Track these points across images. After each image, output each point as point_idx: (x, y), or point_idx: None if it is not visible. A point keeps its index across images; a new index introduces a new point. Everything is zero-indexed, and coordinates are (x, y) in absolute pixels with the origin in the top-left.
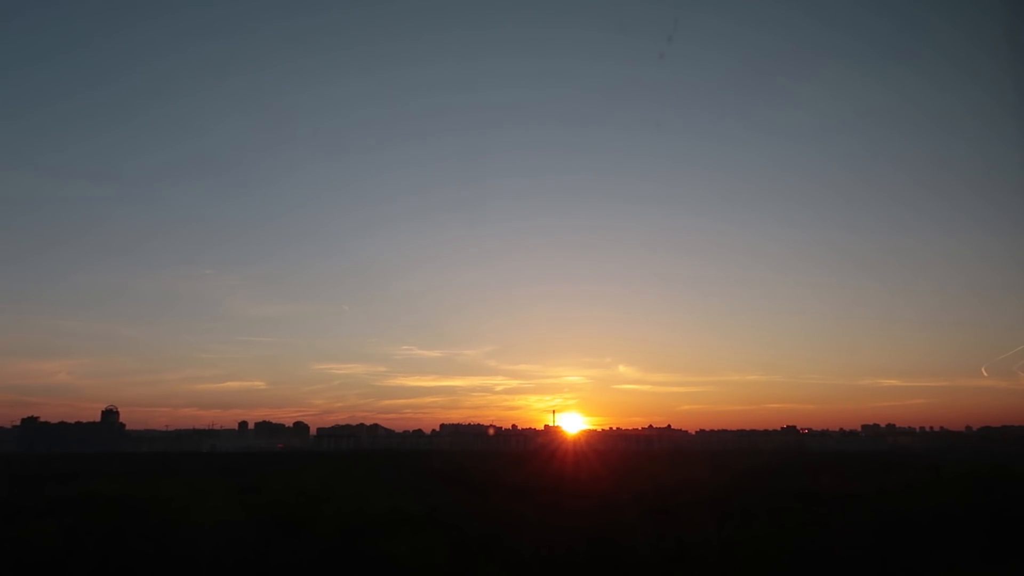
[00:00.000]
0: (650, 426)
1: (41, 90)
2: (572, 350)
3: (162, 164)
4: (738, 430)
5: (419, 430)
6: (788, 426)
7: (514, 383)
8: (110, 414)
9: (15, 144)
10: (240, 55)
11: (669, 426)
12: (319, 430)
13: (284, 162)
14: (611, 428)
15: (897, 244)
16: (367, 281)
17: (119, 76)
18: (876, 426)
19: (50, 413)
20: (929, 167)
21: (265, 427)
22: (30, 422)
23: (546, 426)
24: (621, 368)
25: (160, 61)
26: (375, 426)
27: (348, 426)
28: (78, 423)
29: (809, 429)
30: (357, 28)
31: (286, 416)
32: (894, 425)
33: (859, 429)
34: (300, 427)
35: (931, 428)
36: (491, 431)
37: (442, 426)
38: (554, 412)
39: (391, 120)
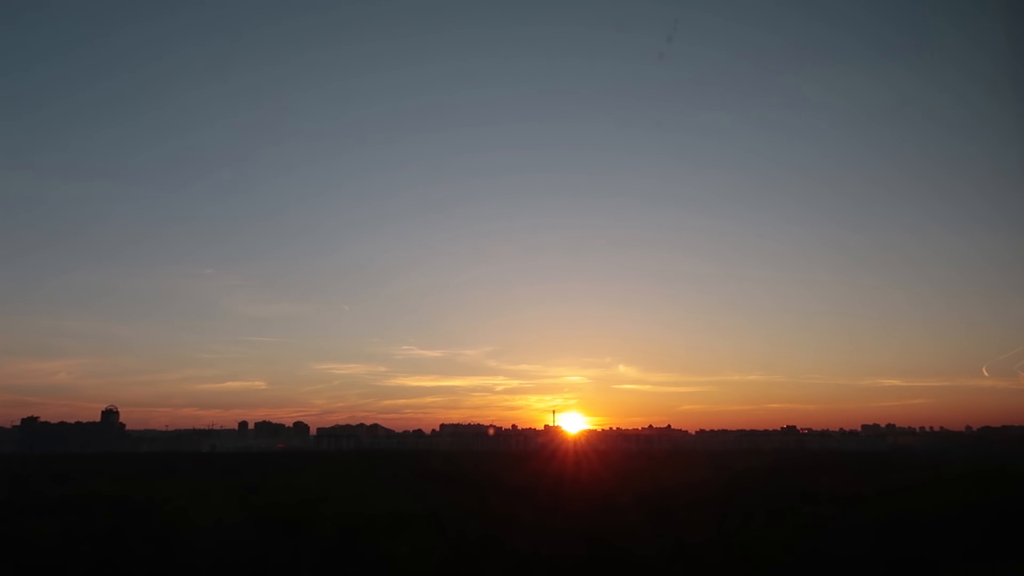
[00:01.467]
0: (650, 426)
1: (39, 89)
2: (572, 350)
3: (161, 163)
4: (738, 430)
5: (419, 430)
6: (788, 426)
7: (514, 383)
8: (110, 414)
9: (13, 143)
10: (240, 52)
11: (669, 426)
12: (319, 430)
13: (284, 161)
14: (611, 428)
15: (898, 244)
16: (367, 281)
17: (118, 74)
18: (876, 426)
19: (50, 413)
20: (929, 166)
21: (265, 427)
22: (30, 422)
23: (546, 426)
24: (621, 368)
25: (160, 58)
26: (375, 426)
27: (348, 426)
28: (78, 423)
29: (809, 429)
30: (355, 26)
31: (286, 416)
32: (894, 425)
33: (859, 429)
34: (300, 427)
35: (931, 428)
36: (491, 431)
37: (442, 426)
38: (554, 412)
39: (391, 118)
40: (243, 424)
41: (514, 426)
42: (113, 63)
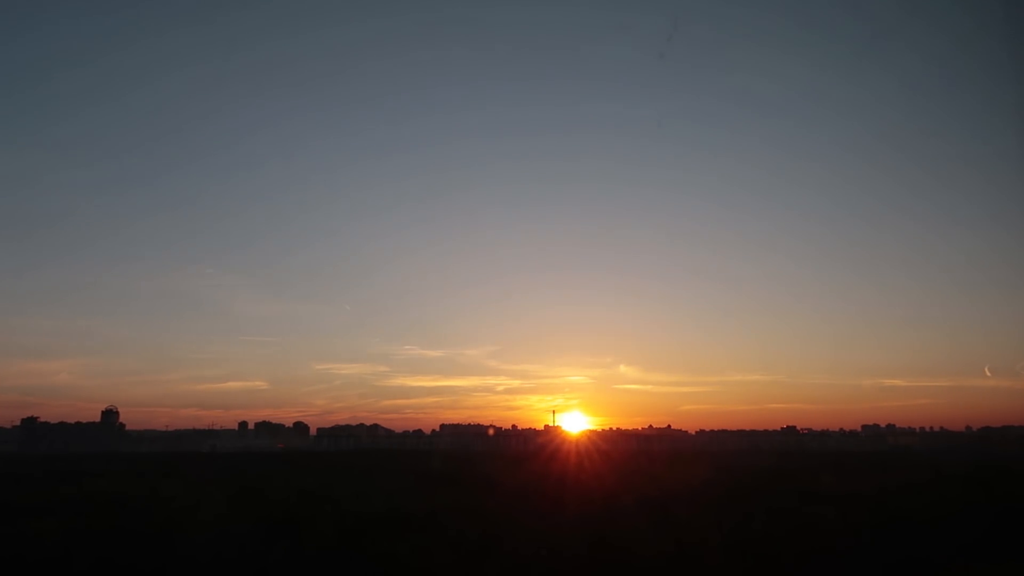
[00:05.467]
0: (650, 426)
1: (34, 76)
2: (573, 350)
3: (161, 163)
4: (738, 430)
5: (419, 430)
6: (788, 426)
7: (515, 383)
8: (110, 414)
9: (13, 144)
10: (239, 47)
11: (669, 426)
12: (319, 430)
13: (285, 160)
14: (611, 428)
15: (900, 242)
16: (369, 281)
17: (115, 62)
18: (876, 426)
19: (50, 413)
20: (932, 163)
21: (265, 427)
22: (30, 422)
23: (546, 426)
24: (622, 368)
25: (158, 52)
26: (375, 426)
27: (348, 426)
28: (78, 423)
29: (809, 429)
30: (353, 20)
31: (287, 416)
32: (895, 425)
33: (859, 429)
34: (300, 427)
35: (932, 428)
36: (491, 431)
37: (442, 426)
38: (554, 412)
39: (391, 117)
40: (243, 424)
41: (514, 426)
42: (108, 50)
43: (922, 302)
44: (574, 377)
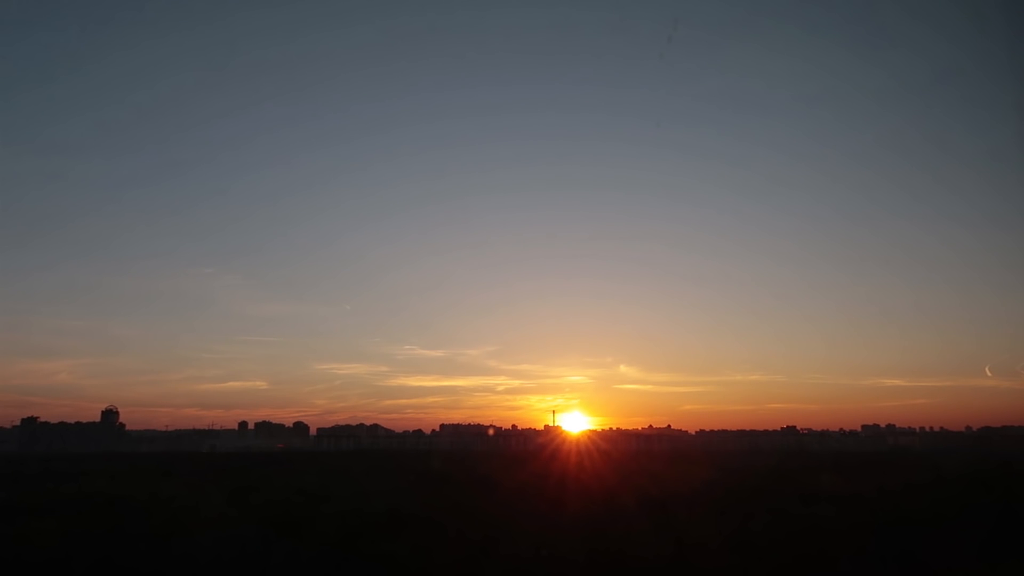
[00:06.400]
0: (650, 426)
1: (37, 77)
2: (573, 350)
3: (162, 164)
4: (738, 430)
5: (419, 430)
6: (788, 426)
7: (516, 383)
8: (110, 414)
9: (15, 146)
10: (240, 52)
11: (669, 426)
12: (319, 430)
13: (286, 162)
14: (611, 428)
15: (901, 241)
16: (370, 280)
17: (115, 72)
18: (876, 426)
19: (50, 413)
20: (932, 162)
21: (265, 427)
22: (30, 422)
23: (546, 426)
24: (622, 368)
25: (161, 55)
26: (375, 426)
27: (348, 426)
28: (78, 423)
29: (809, 429)
30: (352, 20)
31: (288, 416)
32: (894, 425)
33: (859, 429)
34: (300, 427)
35: (931, 428)
36: (491, 431)
37: (442, 426)
38: (554, 412)
39: (392, 117)
40: (243, 424)
41: (514, 426)
42: (111, 52)
43: (922, 302)
44: (574, 377)
